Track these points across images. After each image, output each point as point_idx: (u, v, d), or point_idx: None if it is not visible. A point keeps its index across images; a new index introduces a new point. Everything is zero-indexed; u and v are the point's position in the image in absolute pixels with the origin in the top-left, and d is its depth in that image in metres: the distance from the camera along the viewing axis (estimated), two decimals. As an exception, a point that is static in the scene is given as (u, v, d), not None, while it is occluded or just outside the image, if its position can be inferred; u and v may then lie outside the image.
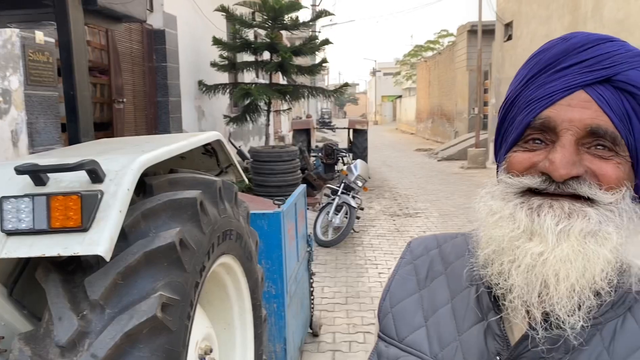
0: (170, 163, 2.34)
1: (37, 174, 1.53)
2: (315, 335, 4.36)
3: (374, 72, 70.66)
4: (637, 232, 0.72)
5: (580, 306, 0.68)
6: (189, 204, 1.86)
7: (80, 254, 1.44)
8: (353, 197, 7.36)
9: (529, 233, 0.69)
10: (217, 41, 8.76)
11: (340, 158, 12.01)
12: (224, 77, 10.00)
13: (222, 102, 10.24)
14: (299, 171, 9.12)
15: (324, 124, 29.77)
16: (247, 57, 9.85)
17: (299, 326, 3.80)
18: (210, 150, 2.54)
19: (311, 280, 4.36)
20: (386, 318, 0.86)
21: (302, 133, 12.42)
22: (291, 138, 13.15)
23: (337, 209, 7.32)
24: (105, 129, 6.46)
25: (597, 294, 0.69)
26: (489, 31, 17.86)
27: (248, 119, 9.44)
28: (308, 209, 9.07)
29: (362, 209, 8.03)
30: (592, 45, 0.71)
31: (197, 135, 2.28)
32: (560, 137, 0.70)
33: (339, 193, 7.38)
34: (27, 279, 1.81)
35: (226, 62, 9.09)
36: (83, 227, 1.46)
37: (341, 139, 17.55)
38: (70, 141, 2.21)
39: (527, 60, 0.78)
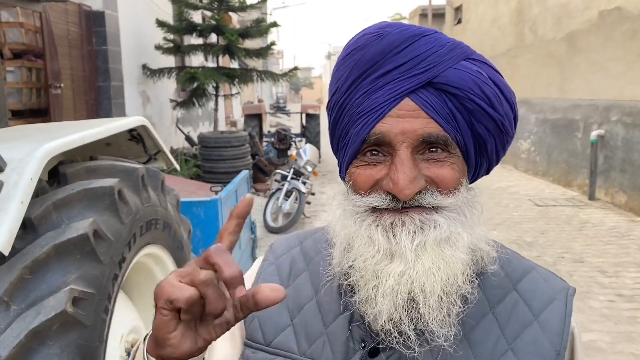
0: (94, 150, 2.24)
1: None
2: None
3: (329, 56, 70.50)
4: (479, 219, 0.76)
5: (449, 314, 0.70)
6: (106, 192, 1.78)
7: (-26, 248, 1.35)
8: (303, 183, 7.34)
9: (389, 255, 0.70)
10: (161, 23, 8.49)
11: (292, 143, 11.93)
12: (169, 61, 9.73)
13: (168, 87, 9.98)
14: (249, 157, 9.01)
15: (279, 108, 29.54)
16: (195, 40, 9.61)
17: (242, 313, 3.76)
18: (137, 137, 2.45)
19: (256, 267, 4.32)
20: (252, 324, 0.85)
21: (254, 118, 12.26)
22: (243, 123, 12.97)
23: (287, 195, 7.27)
24: (42, 115, 6.18)
25: (464, 298, 0.72)
26: (439, 15, 18.04)
27: (196, 103, 9.23)
28: (259, 194, 9.00)
29: (312, 194, 8.01)
30: (407, 45, 0.71)
31: (117, 120, 2.18)
32: (396, 150, 0.70)
33: (288, 178, 7.34)
34: None
35: (171, 45, 8.83)
36: (-22, 220, 1.36)
37: (296, 123, 17.46)
38: (-21, 128, 2.08)
39: (344, 55, 0.76)
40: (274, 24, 9.56)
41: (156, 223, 2.13)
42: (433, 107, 0.69)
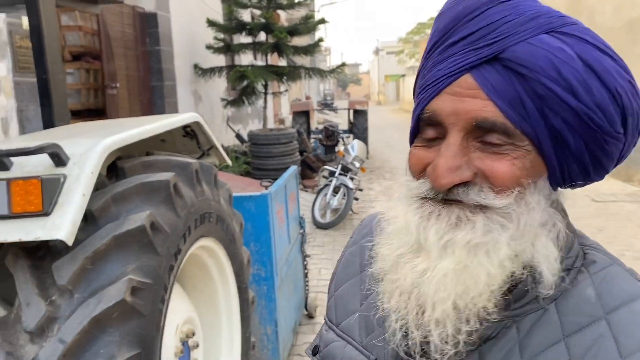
0: (150, 146, 2.30)
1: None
2: (310, 316, 4.36)
3: (376, 52, 70.03)
4: (548, 231, 0.63)
5: (458, 331, 0.61)
6: (162, 186, 1.83)
7: (41, 238, 1.42)
8: (351, 179, 7.33)
9: (417, 248, 0.63)
10: (211, 23, 8.66)
11: (340, 139, 11.93)
12: (220, 60, 9.91)
13: (219, 85, 10.17)
14: (297, 153, 9.07)
15: (326, 105, 29.59)
16: (244, 38, 9.76)
17: (292, 308, 3.79)
18: (191, 133, 2.50)
19: (305, 262, 4.35)
20: (330, 301, 0.85)
21: (302, 115, 12.34)
22: (291, 120, 13.08)
23: (335, 191, 7.29)
24: (99, 115, 6.43)
25: (480, 320, 0.61)
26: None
27: (245, 101, 9.38)
28: (307, 191, 9.05)
29: (360, 190, 7.99)
30: (480, 12, 0.60)
31: (172, 117, 2.24)
32: (447, 133, 0.61)
33: (336, 174, 7.35)
34: (-2, 266, 1.79)
35: (221, 44, 8.99)
36: (44, 211, 1.43)
37: (344, 120, 17.46)
38: (44, 126, 2.18)
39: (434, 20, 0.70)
40: (322, 21, 9.58)
41: (210, 216, 2.17)
42: (495, 87, 0.59)
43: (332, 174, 7.44)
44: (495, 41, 0.59)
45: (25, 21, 4.75)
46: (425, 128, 0.65)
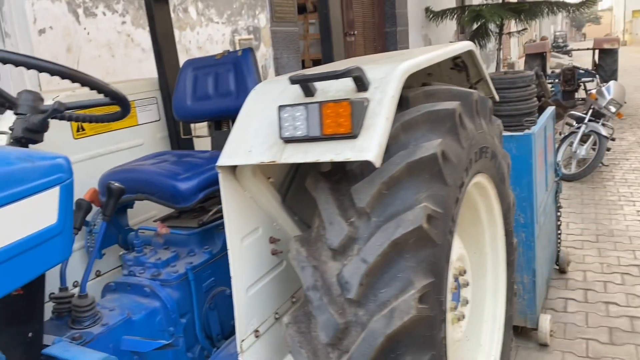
0: (420, 79, 2.25)
1: (306, 84, 1.57)
2: (562, 271, 4.01)
3: (622, -16, 60.22)
4: None
5: None
6: (448, 115, 1.75)
7: (351, 159, 1.44)
8: (603, 125, 6.47)
9: None
10: (445, -37, 8.30)
11: (582, 84, 10.62)
12: (450, 2, 9.51)
13: (448, 29, 9.81)
14: (535, 99, 8.32)
15: (558, 47, 26.69)
16: (477, -23, 9.18)
17: (546, 260, 3.52)
18: (460, 64, 2.38)
19: (558, 214, 3.99)
20: None
21: (536, 57, 11.23)
22: (522, 65, 12.06)
23: (583, 139, 6.53)
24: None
25: None
26: None
27: (476, 44, 8.88)
28: (545, 139, 8.32)
29: (613, 139, 7.03)
30: None
31: (448, 46, 2.13)
32: None
33: (585, 121, 6.56)
34: (296, 188, 1.93)
35: (454, -16, 8.60)
36: (353, 133, 1.45)
37: (579, 64, 15.53)
38: (324, 59, 2.27)
39: None
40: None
41: (486, 151, 2.05)
42: None
43: (580, 120, 6.66)
44: None
45: (281, -27, 5.09)
46: None
